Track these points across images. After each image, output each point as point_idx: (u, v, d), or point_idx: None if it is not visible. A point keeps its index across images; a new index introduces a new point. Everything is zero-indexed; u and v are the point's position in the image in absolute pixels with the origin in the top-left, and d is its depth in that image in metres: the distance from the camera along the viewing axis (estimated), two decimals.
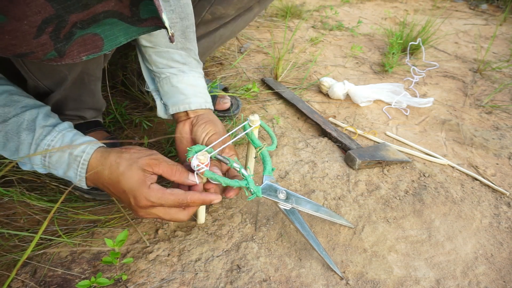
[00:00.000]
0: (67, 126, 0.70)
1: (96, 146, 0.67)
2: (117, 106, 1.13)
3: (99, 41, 0.58)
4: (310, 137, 1.18)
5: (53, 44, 0.53)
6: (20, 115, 0.66)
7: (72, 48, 0.56)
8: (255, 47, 1.78)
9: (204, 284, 0.71)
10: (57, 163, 0.66)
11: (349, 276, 0.76)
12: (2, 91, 0.67)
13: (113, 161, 0.65)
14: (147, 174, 0.65)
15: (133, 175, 0.64)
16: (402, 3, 2.79)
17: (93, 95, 0.91)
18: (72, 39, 0.55)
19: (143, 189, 0.64)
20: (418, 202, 0.95)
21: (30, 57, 0.54)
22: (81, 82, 0.85)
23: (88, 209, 0.85)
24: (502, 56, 1.97)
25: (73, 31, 0.54)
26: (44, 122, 0.67)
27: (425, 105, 1.38)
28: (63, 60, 0.57)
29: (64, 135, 0.67)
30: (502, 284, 0.78)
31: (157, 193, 0.64)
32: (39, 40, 0.52)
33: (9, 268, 0.71)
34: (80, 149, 0.66)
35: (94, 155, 0.66)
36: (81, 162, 0.66)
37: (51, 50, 0.54)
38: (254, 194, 0.72)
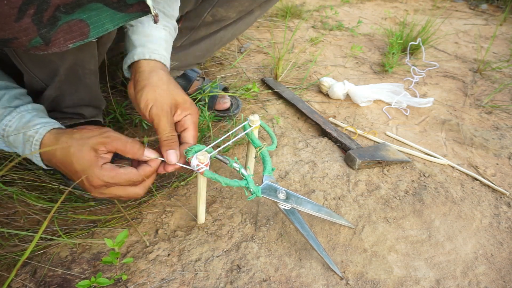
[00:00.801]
0: (30, 107, 0.69)
1: (50, 127, 0.67)
2: (117, 106, 1.13)
3: (85, 28, 0.57)
4: (310, 137, 1.18)
5: (37, 29, 0.53)
6: None
7: (57, 35, 0.55)
8: (255, 47, 1.78)
9: (204, 284, 0.71)
10: (15, 142, 0.67)
11: (349, 276, 0.76)
12: None
13: (64, 142, 0.65)
14: (99, 154, 0.64)
15: (84, 155, 0.63)
16: (402, 3, 2.79)
17: (90, 90, 0.90)
18: (57, 25, 0.54)
19: (95, 170, 0.63)
20: (418, 202, 0.95)
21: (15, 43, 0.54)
22: (75, 75, 0.84)
23: (88, 209, 0.85)
24: (502, 56, 1.97)
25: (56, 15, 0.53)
26: (7, 103, 0.67)
27: (425, 105, 1.38)
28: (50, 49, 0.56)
29: (23, 115, 0.67)
30: (502, 284, 0.78)
31: (110, 173, 0.63)
32: (21, 23, 0.51)
33: (9, 268, 0.71)
34: (34, 129, 0.66)
35: (46, 135, 0.66)
36: (33, 143, 0.65)
37: (35, 36, 0.53)
38: (254, 194, 0.72)
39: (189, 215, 0.86)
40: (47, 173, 0.91)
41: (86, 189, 0.66)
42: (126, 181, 0.65)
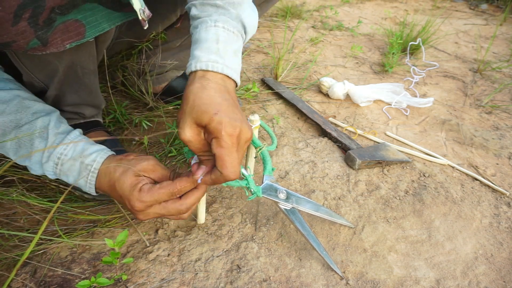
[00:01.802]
0: (78, 133, 0.71)
1: (106, 155, 0.69)
2: (117, 106, 1.13)
3: (81, 28, 0.58)
4: (310, 137, 1.18)
5: (34, 32, 0.53)
6: (32, 122, 0.67)
7: (54, 35, 0.56)
8: (255, 47, 1.78)
9: (204, 284, 0.71)
10: (69, 171, 0.68)
11: (349, 276, 0.76)
12: (14, 96, 0.68)
13: (112, 167, 0.66)
14: (140, 179, 0.65)
15: (126, 180, 0.65)
16: (402, 3, 2.79)
17: (90, 90, 0.90)
18: (53, 26, 0.55)
19: (134, 193, 0.64)
20: (418, 202, 0.95)
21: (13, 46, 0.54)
22: (75, 75, 0.84)
23: (88, 209, 0.85)
24: (502, 56, 1.97)
25: (52, 17, 0.54)
26: (56, 130, 0.68)
27: (425, 105, 1.38)
28: (47, 49, 0.57)
29: (76, 144, 0.68)
30: (502, 284, 0.78)
31: (147, 193, 0.64)
32: (18, 27, 0.52)
33: (9, 268, 0.71)
34: (91, 158, 0.68)
35: (103, 164, 0.68)
36: (91, 171, 0.67)
37: (32, 38, 0.54)
38: (254, 194, 0.72)
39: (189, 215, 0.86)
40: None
41: (132, 212, 0.67)
42: (165, 195, 0.64)
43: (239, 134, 0.58)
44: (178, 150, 1.03)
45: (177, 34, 1.14)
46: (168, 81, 1.21)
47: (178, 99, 1.20)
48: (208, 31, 0.65)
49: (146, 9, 0.62)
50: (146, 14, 0.62)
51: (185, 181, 0.65)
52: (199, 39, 0.65)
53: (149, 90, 1.18)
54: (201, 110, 0.57)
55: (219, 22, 0.66)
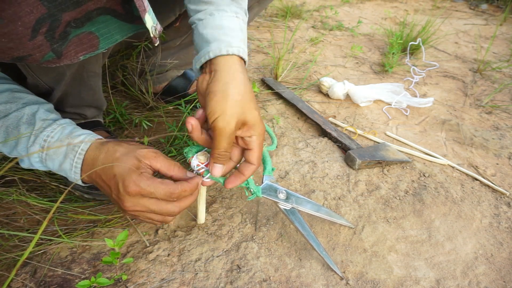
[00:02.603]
0: (68, 121, 0.69)
1: (95, 137, 0.66)
2: (117, 106, 1.13)
3: (94, 40, 0.58)
4: (310, 137, 1.18)
5: (50, 45, 0.54)
6: (20, 109, 0.65)
7: (68, 48, 0.56)
8: (255, 47, 1.78)
9: (204, 284, 0.71)
10: (54, 154, 0.65)
11: (349, 276, 0.76)
12: (5, 89, 0.67)
13: (111, 147, 0.63)
14: (142, 165, 0.62)
15: (128, 161, 0.61)
16: (402, 3, 2.79)
17: (94, 92, 0.90)
18: (68, 39, 0.55)
19: (133, 175, 0.60)
20: (418, 202, 0.95)
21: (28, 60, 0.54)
22: (80, 78, 0.85)
23: (88, 209, 0.85)
24: (502, 56, 1.97)
25: (67, 31, 0.54)
26: (44, 116, 0.66)
27: (425, 105, 1.38)
28: (61, 61, 0.57)
29: (64, 127, 0.66)
30: (502, 284, 0.78)
31: (147, 180, 0.61)
32: (35, 41, 0.52)
33: (9, 268, 0.71)
34: (79, 139, 0.65)
35: (92, 145, 0.64)
36: (78, 152, 0.64)
37: (48, 51, 0.54)
38: (254, 194, 0.72)
39: (189, 215, 0.86)
40: (47, 172, 0.91)
41: (120, 197, 0.62)
42: (163, 192, 0.62)
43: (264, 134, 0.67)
44: (178, 150, 1.03)
45: (176, 33, 1.14)
46: (168, 80, 1.21)
47: (178, 98, 1.20)
48: (232, 20, 0.67)
49: (158, 25, 0.62)
50: (158, 31, 0.62)
51: (188, 187, 0.64)
52: (223, 25, 0.65)
53: (149, 90, 1.18)
54: (251, 106, 0.62)
55: (239, 15, 0.69)
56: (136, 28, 0.63)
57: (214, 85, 0.62)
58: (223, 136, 0.61)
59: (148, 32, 0.60)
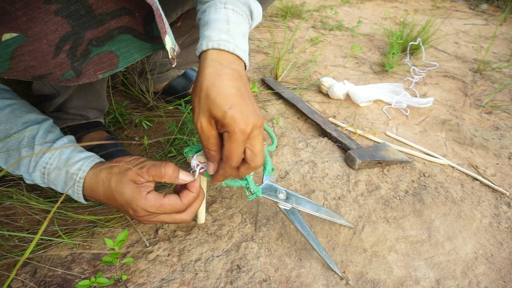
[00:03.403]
0: (66, 141, 0.69)
1: (91, 163, 0.67)
2: (117, 106, 1.13)
3: (114, 59, 0.58)
4: (310, 137, 1.18)
5: (71, 63, 0.54)
6: (21, 131, 0.66)
7: (88, 67, 0.56)
8: (255, 47, 1.78)
9: (204, 284, 0.71)
10: (56, 181, 0.67)
11: (349, 276, 0.76)
12: (5, 106, 0.68)
13: (104, 177, 0.65)
14: (140, 185, 0.64)
15: (126, 188, 0.63)
16: (402, 3, 2.79)
17: (99, 95, 0.91)
18: (88, 58, 0.55)
19: (139, 201, 0.63)
20: (418, 202, 0.95)
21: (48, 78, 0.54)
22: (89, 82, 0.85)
23: (88, 209, 0.85)
24: (502, 56, 1.97)
25: (89, 49, 0.54)
26: (43, 139, 0.67)
27: (425, 105, 1.38)
28: (80, 80, 0.56)
29: (62, 152, 0.67)
30: (502, 284, 0.78)
31: (154, 203, 0.63)
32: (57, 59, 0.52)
33: (9, 268, 0.71)
34: (76, 167, 0.66)
35: (88, 174, 0.66)
36: (77, 180, 0.66)
37: (68, 69, 0.54)
38: (254, 194, 0.72)
39: None
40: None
41: (135, 218, 0.66)
42: (170, 209, 0.64)
43: (252, 128, 0.59)
44: (178, 150, 1.03)
45: (177, 33, 1.14)
46: (168, 80, 1.21)
47: (178, 98, 1.20)
48: (218, 12, 0.64)
49: (176, 46, 0.61)
50: (176, 51, 0.61)
51: (192, 196, 0.66)
52: (209, 20, 0.64)
53: (150, 89, 1.18)
54: (216, 103, 0.57)
55: (228, 4, 0.66)
56: (154, 48, 0.63)
57: (194, 84, 0.62)
58: (199, 134, 0.61)
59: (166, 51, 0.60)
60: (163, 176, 0.65)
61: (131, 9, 0.55)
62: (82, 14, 0.50)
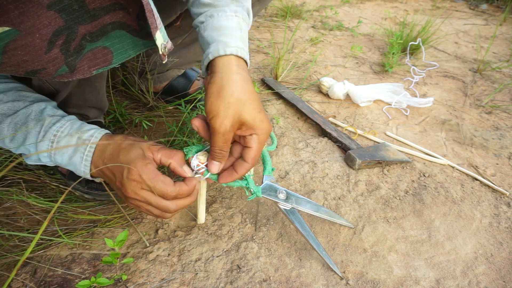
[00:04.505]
0: (74, 117, 0.71)
1: (103, 132, 0.69)
2: (117, 106, 1.13)
3: (108, 55, 0.58)
4: (310, 137, 1.18)
5: (64, 59, 0.53)
6: (28, 107, 0.67)
7: (82, 62, 0.56)
8: (255, 47, 1.78)
9: (204, 284, 0.71)
10: (64, 149, 0.67)
11: (349, 276, 0.76)
12: (10, 88, 0.69)
13: (119, 139, 0.67)
14: (147, 156, 0.65)
15: (134, 151, 0.64)
16: (402, 3, 2.79)
17: (97, 93, 0.90)
18: (82, 53, 0.55)
19: (139, 162, 0.62)
20: (418, 202, 0.95)
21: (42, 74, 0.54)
22: (87, 79, 0.85)
23: (88, 209, 0.85)
24: (502, 56, 1.97)
25: (82, 44, 0.54)
26: (52, 112, 0.68)
27: (425, 105, 1.38)
28: (74, 76, 0.56)
29: (73, 122, 0.68)
30: (502, 284, 0.78)
31: (150, 173, 0.63)
32: (50, 54, 0.52)
33: (9, 268, 0.71)
34: (89, 133, 0.67)
35: (102, 138, 0.67)
36: (89, 145, 0.66)
37: (61, 65, 0.54)
38: (254, 194, 0.72)
39: (189, 215, 0.86)
40: (47, 173, 0.91)
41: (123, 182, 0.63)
42: (159, 190, 0.63)
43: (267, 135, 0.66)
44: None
45: (176, 33, 1.14)
46: (168, 80, 1.21)
47: (178, 98, 1.20)
48: (230, 20, 0.67)
49: (168, 43, 0.62)
50: (167, 48, 0.62)
51: (185, 189, 0.66)
52: (221, 26, 0.66)
53: (150, 89, 1.18)
54: (247, 107, 0.62)
55: (239, 13, 0.69)
56: (149, 44, 0.63)
57: (211, 87, 0.63)
58: (218, 136, 0.63)
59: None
60: (171, 157, 0.66)
61: (125, 4, 0.55)
62: (75, 9, 0.50)
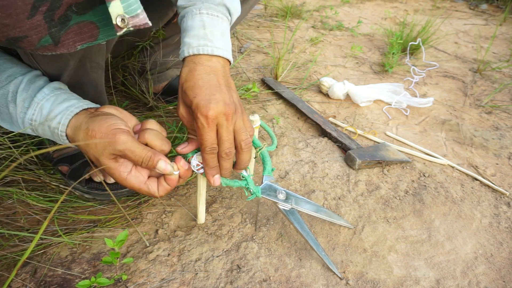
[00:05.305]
0: (47, 92, 0.68)
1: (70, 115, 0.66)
2: (117, 106, 1.13)
3: (95, 30, 0.57)
4: (310, 137, 1.18)
5: (47, 28, 0.52)
6: (5, 86, 0.67)
7: (67, 35, 0.55)
8: (255, 47, 1.78)
9: (204, 284, 0.71)
10: (44, 134, 0.68)
11: (349, 276, 0.76)
12: None
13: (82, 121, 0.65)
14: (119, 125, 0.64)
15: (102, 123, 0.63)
16: (402, 3, 2.79)
17: (96, 86, 0.90)
18: (68, 25, 0.54)
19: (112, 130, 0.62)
20: (418, 202, 0.95)
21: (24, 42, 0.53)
22: (83, 68, 0.84)
23: (88, 209, 0.85)
24: (502, 56, 1.97)
25: (68, 15, 0.53)
26: (25, 93, 0.67)
27: (425, 105, 1.38)
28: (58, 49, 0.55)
29: (42, 107, 0.66)
30: (502, 284, 0.78)
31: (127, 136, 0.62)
32: (33, 21, 0.50)
33: (9, 268, 0.71)
34: (56, 120, 0.65)
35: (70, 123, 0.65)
36: (59, 134, 0.66)
37: (45, 34, 0.53)
38: (253, 194, 0.72)
39: (189, 215, 0.86)
40: (47, 172, 0.91)
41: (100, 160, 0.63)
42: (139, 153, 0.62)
43: (217, 115, 0.63)
44: None
45: (174, 30, 1.14)
46: (168, 80, 1.21)
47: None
48: (194, 19, 0.70)
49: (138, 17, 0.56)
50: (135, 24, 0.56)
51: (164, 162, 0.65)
52: (186, 27, 0.70)
53: (150, 89, 1.18)
54: (186, 94, 0.65)
55: (202, 9, 0.71)
56: None
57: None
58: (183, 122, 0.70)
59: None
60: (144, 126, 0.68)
61: None
62: None
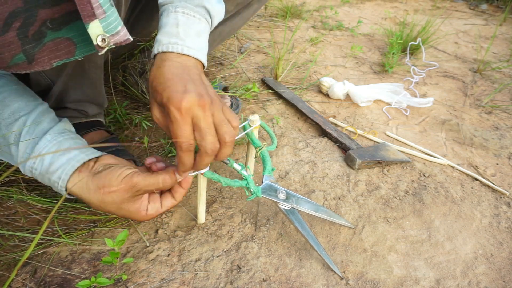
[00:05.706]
0: (49, 138, 0.67)
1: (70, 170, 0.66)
2: (117, 106, 1.13)
3: (71, 46, 0.54)
4: (310, 137, 1.18)
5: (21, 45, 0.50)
6: (9, 126, 0.66)
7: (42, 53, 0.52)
8: (255, 47, 1.78)
9: (204, 284, 0.71)
10: (43, 182, 0.68)
11: (349, 276, 0.76)
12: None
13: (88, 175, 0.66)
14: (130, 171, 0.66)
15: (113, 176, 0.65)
16: (402, 3, 2.79)
17: (94, 86, 0.89)
18: (42, 42, 0.51)
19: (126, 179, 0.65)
20: (418, 202, 0.95)
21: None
22: (82, 68, 0.83)
23: (88, 209, 0.85)
24: (502, 56, 1.97)
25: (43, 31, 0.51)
26: (28, 136, 0.66)
27: (425, 105, 1.38)
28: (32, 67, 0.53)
29: (43, 158, 0.66)
30: (502, 284, 0.78)
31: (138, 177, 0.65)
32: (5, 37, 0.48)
33: (9, 268, 0.71)
34: (56, 175, 0.66)
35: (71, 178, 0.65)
36: (59, 188, 0.66)
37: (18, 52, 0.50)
38: (254, 194, 0.72)
39: (189, 215, 0.86)
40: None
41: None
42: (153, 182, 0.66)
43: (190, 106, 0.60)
44: None
45: None
46: None
47: None
48: (168, 17, 0.69)
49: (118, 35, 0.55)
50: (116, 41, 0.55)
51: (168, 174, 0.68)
52: (161, 25, 0.69)
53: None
54: (155, 90, 0.62)
55: (178, 8, 0.70)
56: None
57: None
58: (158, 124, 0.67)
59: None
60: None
61: None
62: None
